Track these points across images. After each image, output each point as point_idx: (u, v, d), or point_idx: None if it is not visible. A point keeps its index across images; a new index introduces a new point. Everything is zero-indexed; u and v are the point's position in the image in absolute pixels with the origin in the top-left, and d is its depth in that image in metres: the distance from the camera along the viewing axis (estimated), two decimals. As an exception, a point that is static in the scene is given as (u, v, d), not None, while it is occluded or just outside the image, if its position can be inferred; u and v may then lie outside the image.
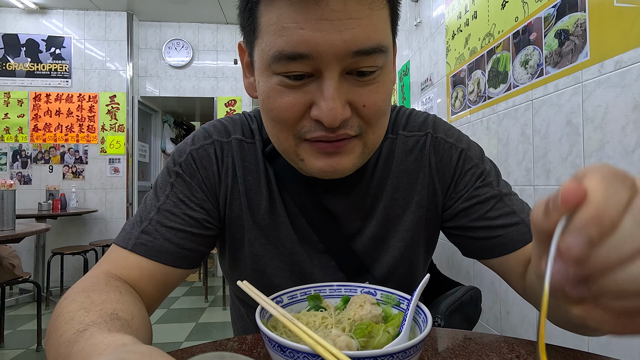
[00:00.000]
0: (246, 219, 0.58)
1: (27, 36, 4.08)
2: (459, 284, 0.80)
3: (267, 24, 0.41)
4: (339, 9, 0.38)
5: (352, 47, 0.39)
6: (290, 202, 0.58)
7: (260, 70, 0.44)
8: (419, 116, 0.61)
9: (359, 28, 0.39)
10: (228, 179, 0.58)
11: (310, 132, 0.44)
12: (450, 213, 0.58)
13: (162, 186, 0.56)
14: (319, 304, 0.49)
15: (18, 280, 2.40)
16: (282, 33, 0.39)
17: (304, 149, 0.46)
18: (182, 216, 0.54)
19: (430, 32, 1.97)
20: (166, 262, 0.52)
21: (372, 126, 0.46)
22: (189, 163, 0.57)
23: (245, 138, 0.59)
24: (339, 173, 0.47)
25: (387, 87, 0.45)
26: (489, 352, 0.46)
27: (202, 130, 0.60)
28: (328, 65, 0.40)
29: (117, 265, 0.50)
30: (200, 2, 4.02)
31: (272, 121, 0.46)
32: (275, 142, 0.49)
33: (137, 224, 0.54)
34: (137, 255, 0.51)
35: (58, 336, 0.35)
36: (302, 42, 0.39)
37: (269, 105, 0.44)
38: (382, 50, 0.42)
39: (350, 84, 0.42)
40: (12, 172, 4.04)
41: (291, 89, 0.42)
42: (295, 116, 0.44)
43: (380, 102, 0.44)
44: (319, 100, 0.42)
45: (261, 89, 0.45)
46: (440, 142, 0.59)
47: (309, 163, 0.47)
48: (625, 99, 0.81)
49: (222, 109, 4.48)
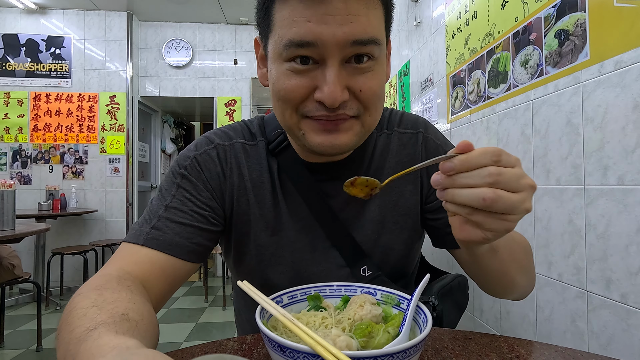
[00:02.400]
0: (253, 213, 0.63)
1: (27, 36, 4.08)
2: (446, 272, 0.83)
3: (281, 19, 0.48)
4: (340, 6, 0.45)
5: (351, 38, 0.46)
6: (294, 191, 0.63)
7: (273, 59, 0.51)
8: (411, 117, 0.69)
9: (357, 23, 0.46)
10: (234, 178, 0.63)
11: (313, 112, 0.51)
12: (432, 207, 0.65)
13: (168, 187, 0.60)
14: (319, 304, 0.49)
15: (18, 280, 2.40)
16: (293, 25, 0.46)
17: (305, 124, 0.52)
18: (189, 212, 0.58)
19: (430, 32, 1.97)
20: (177, 255, 0.55)
21: (368, 109, 0.52)
22: (194, 166, 0.61)
23: (247, 141, 0.65)
24: (336, 148, 0.52)
25: (381, 76, 0.52)
26: (489, 352, 0.46)
27: (204, 138, 0.65)
28: (330, 53, 0.47)
29: (129, 261, 0.52)
30: (200, 2, 4.02)
31: (279, 100, 0.52)
32: (280, 120, 0.55)
33: (146, 222, 0.57)
34: (149, 248, 0.54)
35: (70, 331, 0.36)
36: (309, 32, 0.46)
37: (278, 87, 0.51)
38: (377, 42, 0.48)
39: (349, 71, 0.49)
40: (12, 172, 4.03)
41: (298, 74, 0.49)
42: (300, 97, 0.50)
43: (375, 87, 0.51)
44: (322, 84, 0.48)
45: (273, 74, 0.52)
46: (430, 142, 0.67)
47: (309, 137, 0.53)
48: (625, 99, 0.81)
49: (222, 109, 4.48)
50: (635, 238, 0.79)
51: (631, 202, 0.80)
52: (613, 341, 0.85)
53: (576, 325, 0.96)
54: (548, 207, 1.06)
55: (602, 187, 0.87)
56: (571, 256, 0.98)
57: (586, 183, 0.92)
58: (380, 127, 0.67)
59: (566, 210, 0.99)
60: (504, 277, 0.55)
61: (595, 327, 0.90)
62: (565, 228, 1.00)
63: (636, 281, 0.79)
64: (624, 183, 0.82)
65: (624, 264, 0.82)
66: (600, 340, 0.89)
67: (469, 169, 0.37)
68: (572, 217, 0.97)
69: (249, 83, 4.58)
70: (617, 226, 0.83)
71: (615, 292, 0.84)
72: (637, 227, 0.79)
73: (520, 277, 0.57)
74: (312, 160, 0.63)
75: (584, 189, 0.93)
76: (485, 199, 0.36)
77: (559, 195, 1.02)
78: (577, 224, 0.95)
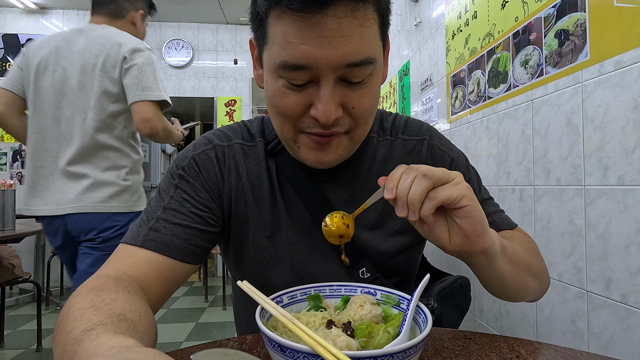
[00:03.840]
0: (251, 214, 0.63)
1: (27, 36, 4.08)
2: (448, 274, 0.82)
3: (275, 35, 0.48)
4: (334, 28, 0.44)
5: (344, 61, 0.46)
6: (292, 192, 0.63)
7: (269, 72, 0.51)
8: (415, 123, 0.69)
9: (351, 45, 0.46)
10: (232, 179, 0.62)
11: (309, 127, 0.52)
12: None
13: (166, 188, 0.60)
14: (319, 304, 0.49)
15: (18, 280, 2.40)
16: (287, 47, 0.46)
17: (301, 139, 0.54)
18: (187, 214, 0.57)
19: (430, 32, 1.97)
20: (175, 257, 0.54)
21: (359, 124, 0.54)
22: (192, 166, 0.61)
23: (245, 142, 0.65)
24: (325, 164, 0.56)
25: (375, 90, 0.53)
26: (489, 352, 0.46)
27: (202, 138, 0.65)
28: (324, 75, 0.47)
29: (126, 263, 0.52)
30: (200, 2, 4.02)
31: (277, 115, 0.53)
32: (278, 131, 0.57)
33: (144, 224, 0.56)
34: (147, 250, 0.53)
35: (66, 332, 0.35)
36: (303, 56, 0.46)
37: (275, 103, 0.52)
38: (371, 62, 0.48)
39: (343, 88, 0.50)
40: (12, 172, 4.03)
41: (294, 91, 0.50)
42: (297, 113, 0.51)
43: (367, 105, 0.52)
44: (317, 102, 0.49)
45: (269, 87, 0.52)
46: (435, 149, 0.67)
47: (303, 152, 0.55)
48: (625, 99, 0.81)
49: (222, 109, 4.48)
50: (635, 238, 0.79)
51: (631, 202, 0.80)
52: (613, 341, 0.85)
53: (576, 326, 0.96)
54: (548, 207, 1.06)
55: (602, 187, 0.87)
56: (571, 256, 0.98)
57: (586, 183, 0.92)
58: (383, 133, 0.67)
59: (566, 210, 0.99)
60: (510, 282, 0.54)
61: (595, 327, 0.90)
62: (565, 228, 1.00)
63: (636, 281, 0.79)
64: (624, 183, 0.82)
65: (624, 264, 0.82)
66: (600, 341, 0.89)
67: (398, 180, 0.44)
68: (572, 217, 0.97)
69: (249, 83, 4.58)
70: (617, 226, 0.83)
71: (615, 292, 0.84)
72: (637, 227, 0.79)
73: (530, 279, 0.57)
74: None
75: (584, 189, 0.93)
76: (424, 173, 0.43)
77: (559, 195, 1.02)
78: (577, 224, 0.95)
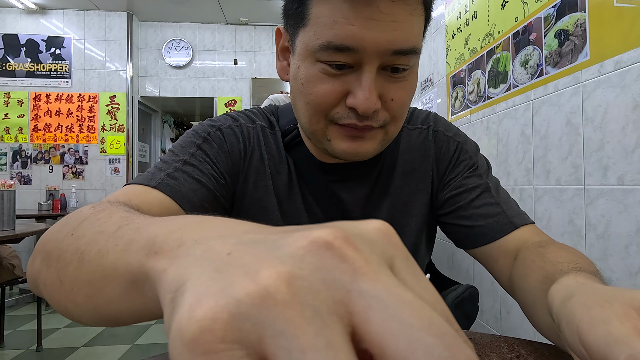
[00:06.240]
0: (269, 200, 0.59)
1: (27, 36, 4.08)
2: (457, 283, 0.82)
3: (318, 15, 0.44)
4: (386, 11, 0.42)
5: (393, 47, 0.44)
6: (306, 190, 0.61)
7: (303, 57, 0.47)
8: (421, 113, 0.67)
9: (400, 30, 0.43)
10: (254, 160, 0.59)
11: (343, 118, 0.48)
12: (441, 200, 0.62)
13: (186, 145, 0.55)
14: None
15: (18, 280, 2.40)
16: (333, 26, 0.43)
17: (332, 130, 0.50)
18: (208, 175, 0.53)
19: (430, 32, 1.97)
20: (188, 210, 0.49)
21: (395, 119, 0.50)
22: (218, 135, 0.57)
23: (267, 127, 0.62)
24: (360, 155, 0.51)
25: (413, 85, 0.50)
26: (489, 352, 0.46)
27: (226, 115, 0.61)
28: (369, 60, 0.44)
29: (135, 199, 0.45)
30: (200, 2, 4.02)
31: (307, 104, 0.49)
32: (305, 123, 0.51)
33: (159, 171, 0.51)
34: (161, 192, 0.48)
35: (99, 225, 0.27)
36: (351, 36, 0.43)
37: (308, 90, 0.48)
38: (416, 52, 0.46)
39: (384, 78, 0.47)
40: (12, 172, 4.03)
41: (331, 77, 0.46)
42: (331, 102, 0.47)
43: (405, 98, 0.49)
44: (357, 89, 0.45)
45: (302, 73, 0.48)
46: (440, 135, 0.64)
47: (334, 144, 0.50)
48: (625, 99, 0.81)
49: (222, 109, 4.48)
50: (635, 238, 0.79)
51: (631, 202, 0.80)
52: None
53: (576, 325, 0.96)
54: (548, 207, 1.06)
55: (602, 187, 0.87)
56: (571, 256, 0.98)
57: (586, 183, 0.92)
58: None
59: (566, 210, 0.99)
60: None
61: (595, 327, 0.90)
62: (565, 228, 1.00)
63: (636, 281, 0.79)
64: (624, 183, 0.82)
65: (624, 264, 0.82)
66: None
67: None
68: (572, 217, 0.97)
69: (249, 83, 4.58)
70: (617, 226, 0.83)
71: (615, 292, 0.84)
72: (637, 227, 0.79)
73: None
74: (326, 160, 0.61)
75: (584, 189, 0.93)
76: None
77: (559, 195, 1.02)
78: (577, 224, 0.95)
